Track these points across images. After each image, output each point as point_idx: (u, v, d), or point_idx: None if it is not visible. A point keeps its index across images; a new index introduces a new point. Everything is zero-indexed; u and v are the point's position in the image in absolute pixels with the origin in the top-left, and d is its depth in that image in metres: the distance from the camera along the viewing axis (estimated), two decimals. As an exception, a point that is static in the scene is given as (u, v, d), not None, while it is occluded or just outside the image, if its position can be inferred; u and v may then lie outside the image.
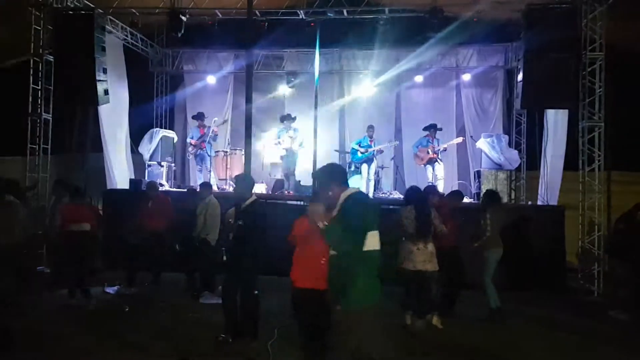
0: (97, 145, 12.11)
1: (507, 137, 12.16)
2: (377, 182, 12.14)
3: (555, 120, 10.92)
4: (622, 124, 11.30)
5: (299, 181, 11.70)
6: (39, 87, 10.58)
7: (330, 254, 3.72)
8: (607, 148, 10.00)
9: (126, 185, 11.47)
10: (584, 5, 9.95)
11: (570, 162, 10.48)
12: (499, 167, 11.43)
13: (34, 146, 10.65)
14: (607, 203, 10.32)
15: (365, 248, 3.58)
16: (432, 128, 11.68)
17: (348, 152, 12.42)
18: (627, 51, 11.32)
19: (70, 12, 10.56)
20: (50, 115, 10.79)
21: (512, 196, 11.74)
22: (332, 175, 3.89)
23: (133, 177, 12.02)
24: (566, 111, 10.45)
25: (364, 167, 11.86)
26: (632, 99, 11.71)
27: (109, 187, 11.64)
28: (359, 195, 3.81)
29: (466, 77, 13.39)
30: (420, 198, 6.79)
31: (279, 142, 11.80)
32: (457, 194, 8.15)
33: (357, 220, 3.58)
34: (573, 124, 10.38)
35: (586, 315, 7.90)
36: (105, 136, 11.66)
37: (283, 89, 14.03)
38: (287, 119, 11.89)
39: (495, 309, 7.14)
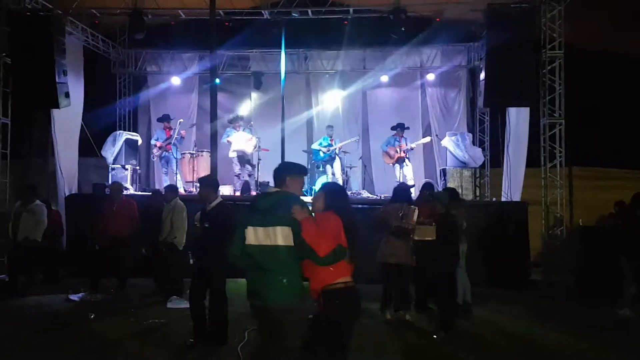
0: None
1: (470, 135, 12.35)
2: (346, 182, 12.19)
3: (517, 118, 11.12)
4: (582, 120, 11.60)
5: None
6: (-3, 91, 10.24)
7: None
8: (567, 144, 10.28)
9: (75, 190, 11.25)
10: (543, 5, 10.19)
11: (533, 159, 10.73)
12: (463, 164, 11.58)
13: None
14: (569, 198, 10.58)
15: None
16: (399, 127, 11.80)
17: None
18: (585, 49, 11.65)
19: (28, 14, 10.23)
20: (9, 120, 10.48)
21: (477, 193, 11.92)
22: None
23: (77, 182, 11.66)
24: (527, 109, 10.65)
25: (328, 167, 11.97)
26: (590, 96, 12.04)
27: (60, 191, 11.21)
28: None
29: (430, 76, 13.52)
30: (409, 196, 7.18)
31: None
32: (429, 186, 8.17)
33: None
34: (534, 121, 10.62)
35: (560, 309, 7.94)
36: (57, 140, 11.17)
37: (249, 90, 13.95)
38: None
39: (461, 304, 7.20)
